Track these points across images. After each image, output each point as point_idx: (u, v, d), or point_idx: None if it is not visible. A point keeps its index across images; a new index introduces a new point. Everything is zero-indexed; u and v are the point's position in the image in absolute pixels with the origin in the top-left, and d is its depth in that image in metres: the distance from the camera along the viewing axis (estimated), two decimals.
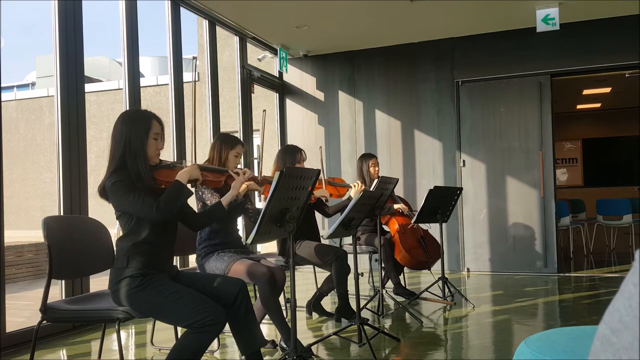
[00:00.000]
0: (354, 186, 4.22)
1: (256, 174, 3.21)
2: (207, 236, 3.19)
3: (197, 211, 2.95)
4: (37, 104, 13.35)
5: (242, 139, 6.17)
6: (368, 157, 4.87)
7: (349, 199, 3.97)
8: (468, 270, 6.39)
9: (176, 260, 4.71)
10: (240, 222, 4.15)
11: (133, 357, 3.41)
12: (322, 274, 4.24)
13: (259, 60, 6.61)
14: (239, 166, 3.37)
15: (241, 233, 3.63)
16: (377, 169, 4.83)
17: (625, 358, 0.43)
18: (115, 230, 2.58)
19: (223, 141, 3.36)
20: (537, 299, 4.83)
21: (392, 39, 6.54)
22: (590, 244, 7.99)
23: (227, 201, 2.70)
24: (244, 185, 2.91)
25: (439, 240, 4.77)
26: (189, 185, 2.44)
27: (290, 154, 3.86)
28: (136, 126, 2.37)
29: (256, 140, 8.49)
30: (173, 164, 2.50)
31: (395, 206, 4.75)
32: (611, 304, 0.48)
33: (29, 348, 2.41)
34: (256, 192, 3.33)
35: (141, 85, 4.74)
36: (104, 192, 2.35)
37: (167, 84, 5.41)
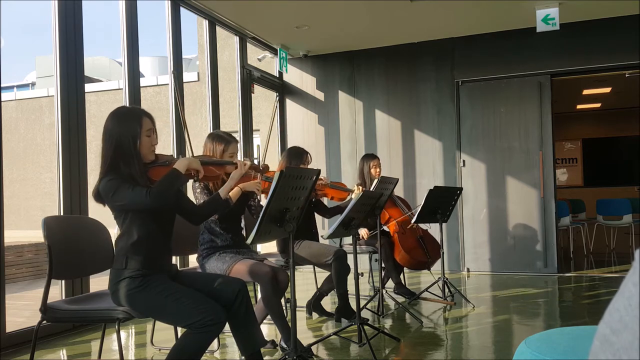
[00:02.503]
0: (355, 188, 4.20)
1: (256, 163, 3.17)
2: (210, 237, 3.18)
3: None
4: (37, 104, 13.35)
5: (242, 139, 6.17)
6: (370, 157, 4.81)
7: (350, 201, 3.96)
8: (468, 270, 6.39)
9: (176, 260, 4.71)
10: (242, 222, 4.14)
11: (133, 357, 3.41)
12: (322, 274, 4.24)
13: (259, 60, 6.62)
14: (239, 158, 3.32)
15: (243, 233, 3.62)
16: (378, 170, 4.76)
17: (625, 358, 0.43)
18: (115, 230, 2.58)
19: (215, 140, 3.17)
20: (537, 299, 4.83)
21: (392, 39, 6.54)
22: (590, 244, 7.99)
23: (225, 192, 2.67)
24: (236, 189, 2.87)
25: (438, 240, 4.77)
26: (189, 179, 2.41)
27: (296, 157, 3.86)
28: (127, 126, 2.30)
29: (256, 140, 8.49)
30: (168, 160, 2.45)
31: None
32: (611, 304, 0.48)
33: (29, 348, 2.41)
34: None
35: (141, 85, 4.74)
36: (98, 195, 2.31)
37: (167, 84, 5.41)
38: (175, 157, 2.54)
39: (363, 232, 4.61)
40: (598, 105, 11.46)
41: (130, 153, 2.29)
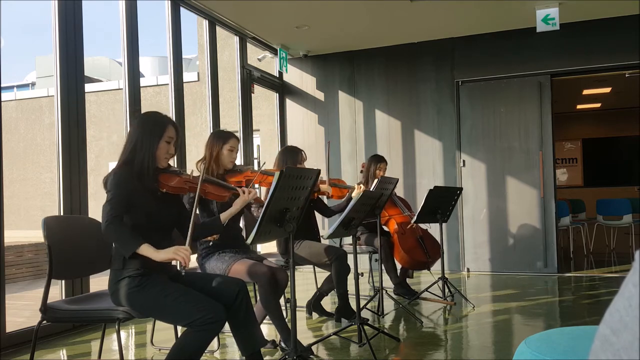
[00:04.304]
0: (356, 187, 4.22)
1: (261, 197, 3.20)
2: None
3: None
4: (37, 104, 13.35)
5: (241, 139, 6.17)
6: (379, 159, 4.89)
7: (350, 199, 3.97)
8: (468, 270, 6.39)
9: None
10: (241, 221, 4.14)
11: (133, 357, 3.41)
12: (322, 274, 4.24)
13: (259, 60, 6.61)
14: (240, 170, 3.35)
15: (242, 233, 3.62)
16: (382, 174, 4.81)
17: (625, 358, 0.43)
18: None
19: (215, 137, 3.33)
20: (537, 299, 4.83)
21: (392, 39, 6.54)
22: (590, 244, 7.99)
23: (226, 217, 2.69)
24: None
25: (438, 240, 4.77)
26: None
27: (291, 155, 3.86)
28: (150, 127, 2.42)
29: (256, 140, 8.49)
30: (180, 171, 2.53)
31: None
32: (611, 305, 0.49)
33: (29, 348, 2.41)
34: (256, 185, 3.31)
35: (141, 85, 4.74)
36: (105, 183, 2.37)
37: (167, 84, 5.41)
38: (187, 172, 2.59)
39: None
40: (598, 105, 11.46)
41: (147, 150, 2.37)
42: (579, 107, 11.50)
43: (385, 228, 4.83)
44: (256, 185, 3.37)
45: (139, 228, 2.32)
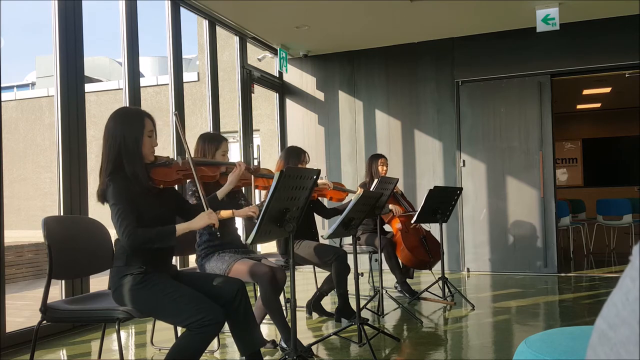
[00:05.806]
0: (358, 190, 4.24)
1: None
2: (207, 237, 3.18)
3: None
4: (37, 104, 13.34)
5: (242, 139, 6.18)
6: (377, 156, 4.99)
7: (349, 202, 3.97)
8: (468, 270, 6.38)
9: (176, 260, 4.71)
10: (240, 221, 4.15)
11: (133, 357, 3.41)
12: (322, 274, 4.24)
13: (259, 60, 6.61)
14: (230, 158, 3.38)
15: (240, 232, 3.63)
16: (385, 168, 4.91)
17: (623, 352, 0.43)
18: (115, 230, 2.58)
19: (207, 141, 3.27)
20: (537, 299, 4.83)
21: (392, 39, 6.54)
22: (590, 244, 7.99)
23: (223, 194, 2.77)
24: (229, 212, 2.89)
25: (439, 240, 4.78)
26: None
27: (294, 156, 3.86)
28: (130, 125, 2.33)
29: (256, 140, 8.49)
30: (168, 161, 2.48)
31: (390, 206, 4.76)
32: (609, 299, 0.49)
33: (29, 348, 2.41)
34: (252, 187, 3.32)
35: (141, 85, 4.74)
36: (103, 196, 2.32)
37: (167, 84, 5.41)
38: (174, 158, 2.56)
39: None
40: (598, 105, 11.47)
41: (134, 152, 2.31)
42: (579, 107, 11.50)
43: (387, 227, 4.84)
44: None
45: (147, 227, 2.33)
